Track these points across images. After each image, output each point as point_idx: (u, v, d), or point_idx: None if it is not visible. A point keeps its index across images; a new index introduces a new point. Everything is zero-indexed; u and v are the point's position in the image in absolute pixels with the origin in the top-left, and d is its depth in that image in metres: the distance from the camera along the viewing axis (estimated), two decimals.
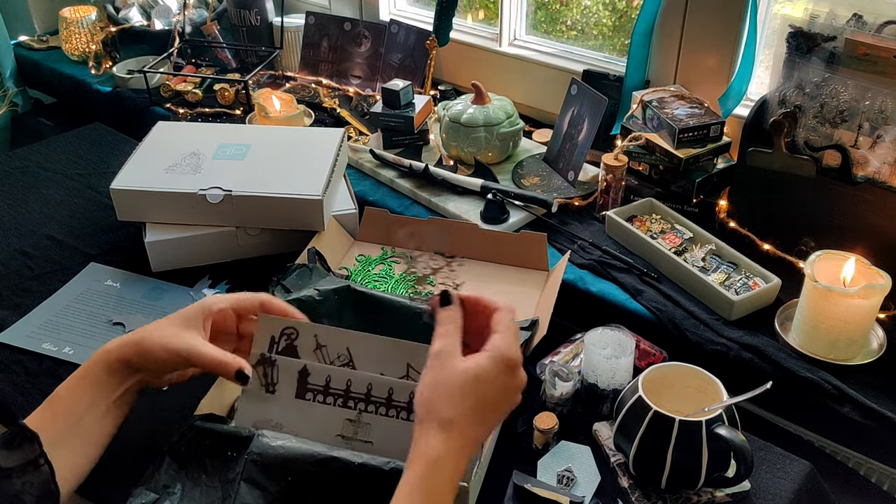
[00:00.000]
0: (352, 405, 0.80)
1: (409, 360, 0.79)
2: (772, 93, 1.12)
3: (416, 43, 1.67)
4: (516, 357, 0.72)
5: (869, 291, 0.94)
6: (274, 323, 0.82)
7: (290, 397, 0.81)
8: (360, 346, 0.81)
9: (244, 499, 0.78)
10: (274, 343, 0.82)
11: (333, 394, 0.80)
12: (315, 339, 0.81)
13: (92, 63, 1.90)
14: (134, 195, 1.16)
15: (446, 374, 0.70)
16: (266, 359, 0.82)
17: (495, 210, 1.25)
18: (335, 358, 0.81)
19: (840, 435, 0.99)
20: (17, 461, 0.72)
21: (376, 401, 0.79)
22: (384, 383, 0.79)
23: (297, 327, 0.82)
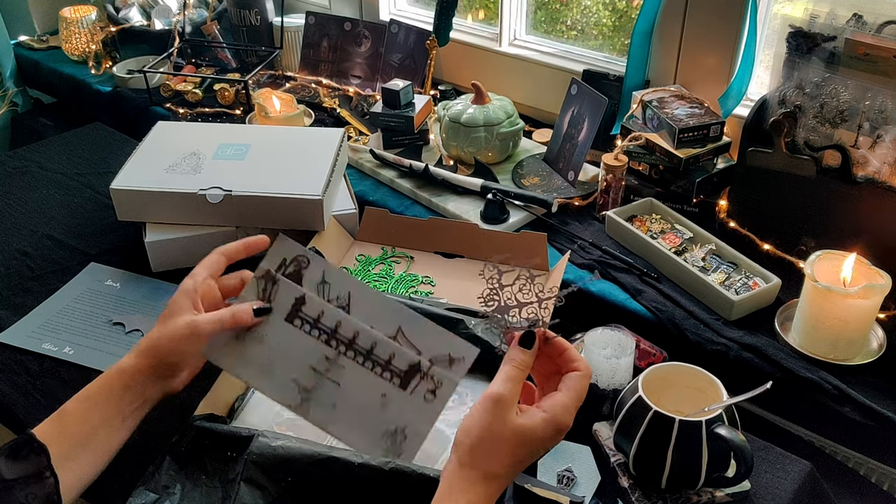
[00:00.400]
0: (333, 345, 0.81)
1: (402, 323, 0.80)
2: (772, 93, 1.12)
3: (416, 43, 1.67)
4: (568, 424, 0.70)
5: (869, 291, 0.94)
6: (289, 246, 0.84)
7: (279, 317, 0.82)
8: (362, 295, 0.82)
9: (244, 499, 0.78)
10: (283, 265, 0.84)
11: (320, 329, 0.81)
12: (322, 274, 0.83)
13: (92, 63, 1.90)
14: (134, 195, 1.16)
15: (500, 427, 0.68)
16: (270, 276, 0.84)
17: (495, 210, 1.25)
18: (334, 297, 0.82)
19: (840, 435, 0.99)
20: (21, 472, 0.72)
21: (358, 349, 0.80)
22: (370, 336, 0.80)
23: (310, 258, 0.84)
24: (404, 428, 0.76)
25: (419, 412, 0.77)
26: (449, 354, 0.77)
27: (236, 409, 0.92)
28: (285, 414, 0.91)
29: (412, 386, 0.77)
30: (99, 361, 1.01)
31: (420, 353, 0.78)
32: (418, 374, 0.78)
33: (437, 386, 0.77)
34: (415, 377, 0.78)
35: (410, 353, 0.79)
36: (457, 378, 0.77)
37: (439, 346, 0.78)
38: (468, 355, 0.77)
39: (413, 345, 0.79)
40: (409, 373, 0.78)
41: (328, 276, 0.83)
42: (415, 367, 0.78)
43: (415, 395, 0.77)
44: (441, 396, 0.77)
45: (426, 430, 0.76)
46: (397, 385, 0.78)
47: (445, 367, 0.77)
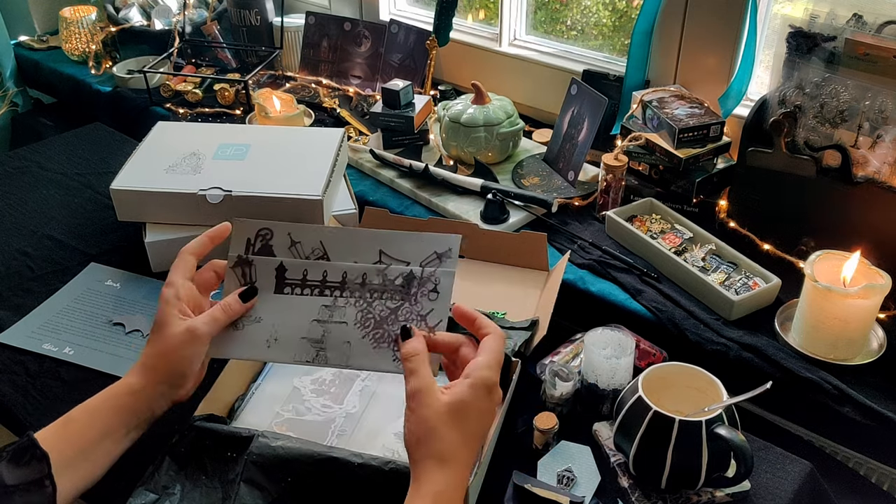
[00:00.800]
0: (328, 293, 0.83)
1: (381, 246, 0.83)
2: (772, 93, 1.12)
3: (416, 43, 1.67)
4: (493, 379, 0.74)
5: (869, 291, 0.94)
6: (248, 225, 0.86)
7: (269, 293, 0.84)
8: (333, 238, 0.84)
9: (244, 499, 0.78)
10: (250, 245, 0.85)
11: (310, 285, 0.83)
12: (289, 236, 0.85)
13: (92, 63, 1.90)
14: (134, 195, 1.16)
15: (430, 410, 0.72)
16: (243, 260, 0.85)
17: (495, 210, 1.25)
18: (310, 252, 0.84)
19: (840, 435, 0.99)
20: (21, 479, 0.72)
21: (351, 286, 0.83)
22: (358, 270, 0.83)
23: (272, 227, 0.85)
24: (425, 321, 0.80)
25: (430, 309, 0.81)
26: (435, 252, 0.82)
27: (236, 409, 0.92)
28: (285, 414, 0.91)
29: (413, 293, 0.81)
30: (99, 362, 1.02)
31: (409, 264, 0.82)
32: (415, 282, 0.81)
33: (436, 283, 0.81)
34: (413, 285, 0.81)
35: (400, 266, 0.82)
36: (451, 268, 0.82)
37: (422, 249, 0.82)
38: (453, 244, 0.82)
39: (399, 259, 0.82)
40: (407, 284, 0.82)
41: (295, 235, 0.84)
42: (408, 277, 0.82)
43: (418, 301, 0.81)
44: (443, 290, 0.81)
45: (445, 315, 0.80)
46: (400, 299, 0.81)
47: (437, 265, 0.82)
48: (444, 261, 0.82)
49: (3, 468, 0.72)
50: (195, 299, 0.85)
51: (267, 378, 0.97)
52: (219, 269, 0.87)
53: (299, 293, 0.83)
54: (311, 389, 0.95)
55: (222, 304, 0.83)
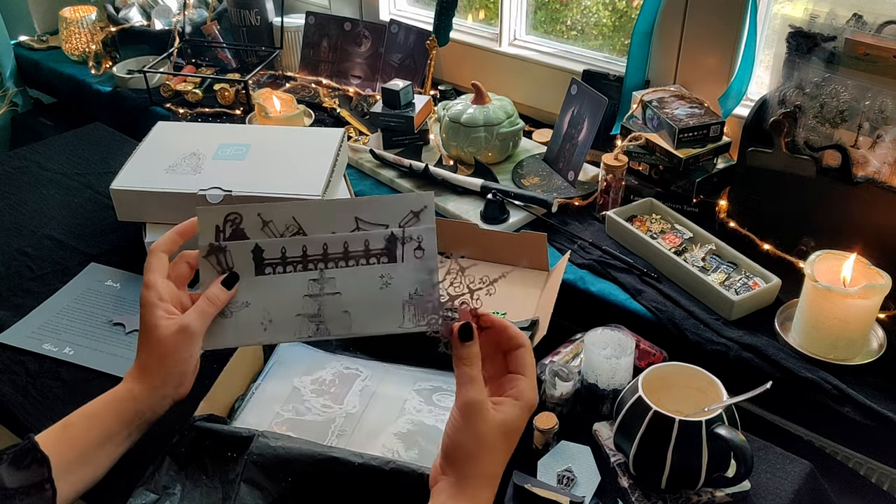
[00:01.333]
0: (312, 266, 0.81)
1: (356, 213, 0.81)
2: (772, 93, 1.12)
3: (416, 43, 1.67)
4: (536, 401, 0.74)
5: (869, 291, 0.94)
6: (214, 212, 0.83)
7: (250, 277, 0.82)
8: (306, 212, 0.82)
9: (244, 499, 0.78)
10: (219, 231, 0.82)
11: (292, 262, 0.81)
12: (259, 217, 0.82)
13: (92, 63, 1.90)
14: (134, 195, 1.16)
15: (487, 427, 0.70)
16: (216, 247, 0.82)
17: (495, 210, 1.25)
18: (284, 230, 0.82)
19: (840, 435, 0.99)
20: (22, 482, 0.72)
21: (334, 256, 0.81)
22: (338, 239, 0.81)
23: (239, 210, 0.82)
24: (416, 288, 0.79)
25: (419, 269, 0.80)
26: (411, 211, 0.81)
27: (236, 409, 0.92)
28: (285, 414, 0.91)
29: (399, 254, 0.80)
30: (99, 362, 1.02)
31: (387, 227, 0.81)
32: (398, 242, 0.81)
33: (419, 241, 0.81)
34: (397, 247, 0.81)
35: (379, 230, 0.81)
36: (430, 224, 0.81)
37: (397, 210, 0.81)
38: (427, 201, 0.81)
39: (376, 224, 0.81)
40: (390, 246, 0.81)
41: (265, 215, 0.82)
42: (391, 238, 0.81)
43: (406, 260, 0.80)
44: (428, 247, 0.81)
45: (435, 276, 0.80)
46: (387, 262, 0.80)
47: (416, 224, 0.81)
48: (422, 218, 0.81)
49: (4, 471, 0.72)
50: (175, 296, 0.84)
51: (267, 378, 0.97)
52: (191, 259, 0.86)
53: (282, 272, 0.82)
54: (311, 389, 0.95)
55: (207, 294, 0.81)
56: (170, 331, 0.80)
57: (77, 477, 0.77)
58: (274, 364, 0.98)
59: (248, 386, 0.96)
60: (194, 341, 0.80)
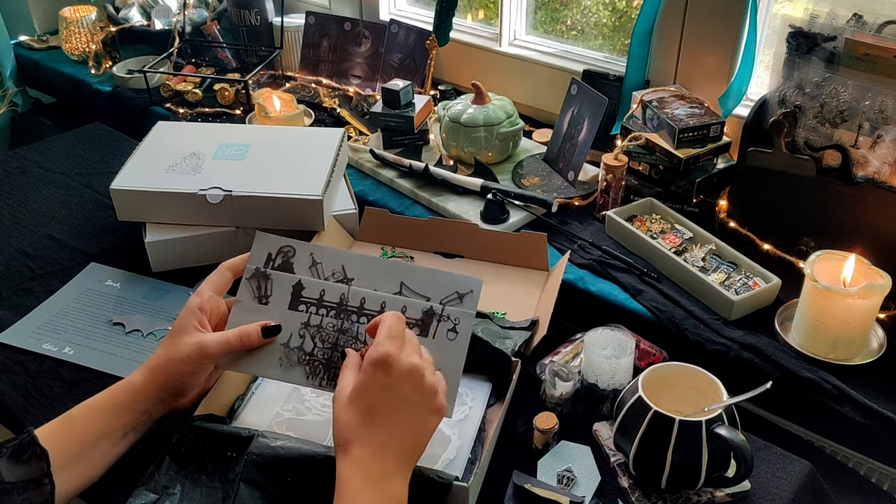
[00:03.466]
0: (343, 317, 0.82)
1: (403, 278, 0.82)
2: (772, 93, 1.12)
3: (416, 43, 1.67)
4: (390, 353, 0.71)
5: (869, 291, 0.94)
6: (271, 241, 0.84)
7: (282, 308, 0.83)
8: (356, 263, 0.83)
9: (244, 499, 0.78)
10: (270, 259, 0.84)
11: (327, 306, 0.82)
12: (311, 256, 0.83)
13: (92, 63, 1.90)
14: (134, 195, 1.16)
15: (337, 405, 0.72)
16: (261, 273, 0.84)
17: (495, 210, 1.25)
18: (330, 274, 0.83)
19: (840, 435, 0.99)
20: (21, 476, 0.72)
21: (369, 313, 0.81)
22: (377, 297, 0.82)
23: (294, 245, 0.84)
24: (439, 370, 0.78)
25: (447, 352, 0.80)
26: (456, 292, 0.81)
27: (236, 409, 0.92)
28: (285, 414, 0.91)
29: (432, 330, 0.80)
30: (99, 362, 1.02)
31: (429, 300, 0.81)
32: (435, 318, 0.81)
33: (456, 323, 0.80)
34: (432, 322, 0.81)
35: (420, 301, 0.81)
36: (471, 310, 0.81)
37: (444, 287, 0.82)
38: (475, 286, 0.82)
39: (419, 294, 0.82)
40: (426, 319, 0.81)
41: (317, 256, 0.83)
42: (429, 312, 0.81)
43: (437, 338, 0.80)
44: (463, 331, 0.80)
45: (460, 365, 0.79)
46: (418, 334, 0.80)
47: (457, 304, 0.81)
48: (464, 301, 0.82)
49: (3, 465, 0.72)
50: (219, 313, 0.85)
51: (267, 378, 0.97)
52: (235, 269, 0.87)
53: (314, 312, 0.82)
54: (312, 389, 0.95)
55: (241, 332, 0.81)
56: (189, 341, 0.80)
57: (74, 473, 0.77)
58: None
59: (248, 386, 0.96)
60: (206, 361, 0.81)
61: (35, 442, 0.74)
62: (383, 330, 0.74)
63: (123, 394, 0.80)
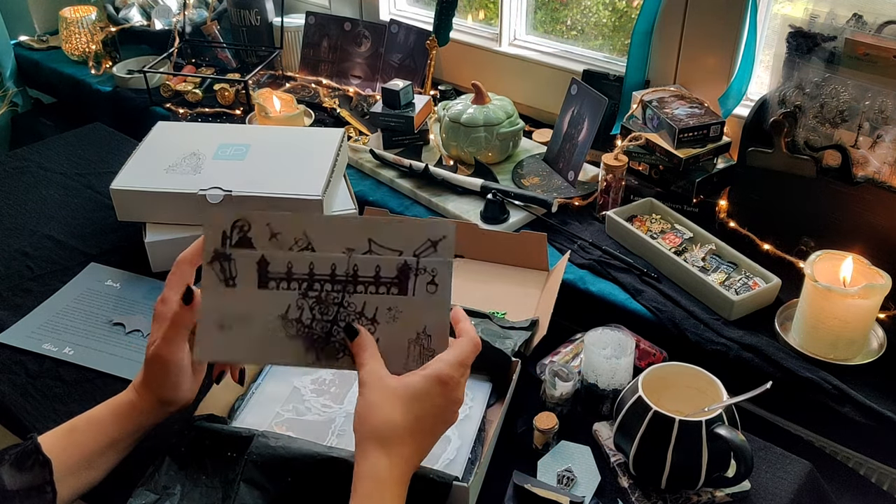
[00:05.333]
0: (317, 287, 0.76)
1: (371, 234, 0.76)
2: (772, 93, 1.12)
3: (416, 43, 1.67)
4: (452, 376, 0.73)
5: (869, 291, 0.94)
6: (222, 217, 0.78)
7: (252, 288, 0.77)
8: (317, 227, 0.77)
9: (244, 499, 0.78)
10: (226, 238, 0.77)
11: (297, 279, 0.77)
12: (268, 227, 0.77)
13: (92, 63, 1.90)
14: (134, 195, 1.16)
15: (379, 394, 0.71)
16: (220, 254, 0.77)
17: (495, 210, 1.25)
18: (293, 244, 0.77)
19: (840, 435, 0.99)
20: (23, 484, 0.72)
21: (341, 279, 0.76)
22: (347, 261, 0.76)
23: (248, 218, 0.77)
24: (424, 328, 0.76)
25: (430, 307, 0.76)
26: (429, 240, 0.76)
27: (236, 409, 0.92)
28: (285, 414, 0.91)
29: (411, 287, 0.76)
30: (99, 362, 1.01)
31: (401, 253, 0.76)
32: (411, 273, 0.76)
33: (434, 275, 0.76)
34: (409, 278, 0.76)
35: (392, 257, 0.76)
36: (448, 258, 0.76)
37: (415, 237, 0.76)
38: (448, 231, 0.76)
39: (390, 248, 0.76)
40: (401, 276, 0.76)
41: (275, 226, 0.77)
42: (403, 268, 0.76)
43: (417, 294, 0.76)
44: (442, 283, 0.76)
45: (445, 320, 0.76)
46: (397, 293, 0.76)
47: (432, 254, 0.76)
48: (439, 249, 0.76)
49: (6, 472, 0.72)
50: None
51: (267, 378, 0.97)
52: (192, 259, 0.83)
53: (286, 287, 0.77)
54: (311, 389, 0.95)
55: (172, 317, 0.79)
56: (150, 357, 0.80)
57: (78, 480, 0.77)
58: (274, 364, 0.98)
59: (248, 386, 0.96)
60: (170, 367, 0.80)
61: (38, 450, 0.74)
62: (460, 355, 0.74)
63: (126, 405, 0.81)
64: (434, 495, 0.78)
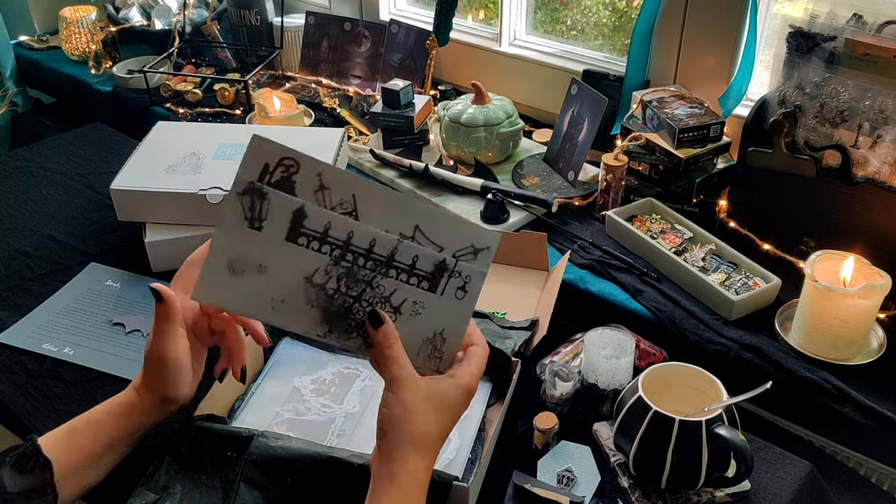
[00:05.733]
0: (349, 259, 0.70)
1: (419, 221, 0.71)
2: (772, 93, 1.12)
3: (416, 43, 1.67)
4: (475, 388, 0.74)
5: (869, 291, 0.94)
6: (270, 149, 0.69)
7: (278, 238, 0.69)
8: (368, 195, 0.70)
9: (244, 499, 0.78)
10: (267, 172, 0.69)
11: (331, 243, 0.69)
12: (318, 178, 0.69)
13: (92, 63, 1.90)
14: (134, 195, 1.16)
15: (414, 395, 0.70)
16: (255, 188, 0.68)
17: (495, 210, 1.25)
18: (337, 204, 0.69)
19: (840, 435, 0.99)
20: (24, 486, 0.72)
21: (377, 258, 0.71)
22: (388, 241, 0.70)
23: (298, 159, 0.69)
24: (441, 331, 0.73)
25: (453, 312, 0.73)
26: (472, 245, 0.73)
27: (236, 409, 0.92)
28: (285, 414, 0.91)
29: (441, 286, 0.73)
30: (99, 361, 1.01)
31: (442, 250, 0.72)
32: (445, 273, 0.72)
33: (466, 281, 0.73)
34: (442, 277, 0.72)
35: (433, 251, 0.72)
36: (484, 269, 0.73)
37: (461, 238, 0.72)
38: (492, 243, 0.73)
39: (433, 242, 0.72)
40: (436, 273, 0.72)
41: (326, 178, 0.69)
42: (440, 266, 0.72)
43: (445, 295, 0.73)
44: (472, 291, 0.73)
45: (463, 328, 0.74)
46: (426, 289, 0.72)
47: (471, 260, 0.73)
48: (479, 257, 0.73)
49: (6, 475, 0.72)
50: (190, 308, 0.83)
51: (267, 378, 0.97)
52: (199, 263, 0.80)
53: (315, 249, 0.69)
54: (311, 389, 0.95)
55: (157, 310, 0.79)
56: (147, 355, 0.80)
57: (79, 481, 0.77)
58: (274, 364, 0.98)
59: (248, 386, 0.96)
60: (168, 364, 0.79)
61: (39, 452, 0.74)
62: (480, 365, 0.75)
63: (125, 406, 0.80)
64: (434, 495, 0.78)
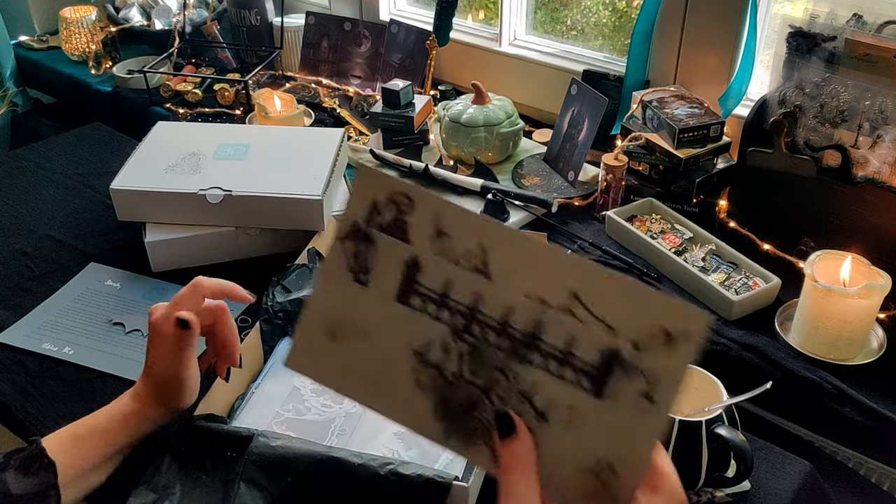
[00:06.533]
0: (477, 332, 0.51)
1: (577, 285, 0.49)
2: (772, 93, 1.12)
3: (416, 43, 1.67)
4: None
5: (869, 291, 0.94)
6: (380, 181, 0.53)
7: (387, 297, 0.53)
8: (501, 244, 0.50)
9: (244, 499, 0.78)
10: (376, 210, 0.53)
11: (453, 308, 0.51)
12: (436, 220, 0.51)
13: (92, 63, 1.90)
14: (134, 195, 1.16)
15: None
16: (361, 232, 0.53)
17: (495, 210, 1.25)
18: (462, 255, 0.51)
19: (840, 435, 0.99)
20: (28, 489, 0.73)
21: (515, 336, 0.50)
22: (532, 312, 0.50)
23: (412, 195, 0.52)
24: (609, 459, 0.49)
25: (631, 430, 0.49)
26: (663, 328, 0.48)
27: (236, 409, 0.92)
28: (285, 414, 0.91)
29: (611, 389, 0.49)
30: (99, 361, 1.01)
31: (614, 331, 0.49)
32: (619, 368, 0.49)
33: (653, 384, 0.48)
34: (613, 374, 0.49)
35: (599, 332, 0.49)
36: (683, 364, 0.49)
37: (642, 315, 0.48)
38: (698, 324, 0.48)
39: (600, 319, 0.49)
40: (604, 367, 0.49)
41: (447, 221, 0.51)
42: (611, 356, 0.49)
43: (618, 403, 0.49)
44: (663, 400, 0.48)
45: (646, 456, 0.49)
46: (587, 389, 0.49)
47: (661, 351, 0.48)
48: (674, 347, 0.48)
49: (11, 477, 0.72)
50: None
51: (267, 378, 0.97)
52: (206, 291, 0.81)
53: (432, 314, 0.52)
54: (311, 389, 0.95)
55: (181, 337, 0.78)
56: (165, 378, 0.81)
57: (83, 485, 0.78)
58: (274, 364, 0.98)
59: (248, 386, 0.96)
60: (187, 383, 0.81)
61: (43, 454, 0.75)
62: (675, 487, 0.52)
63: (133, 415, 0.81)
64: (434, 495, 0.78)
